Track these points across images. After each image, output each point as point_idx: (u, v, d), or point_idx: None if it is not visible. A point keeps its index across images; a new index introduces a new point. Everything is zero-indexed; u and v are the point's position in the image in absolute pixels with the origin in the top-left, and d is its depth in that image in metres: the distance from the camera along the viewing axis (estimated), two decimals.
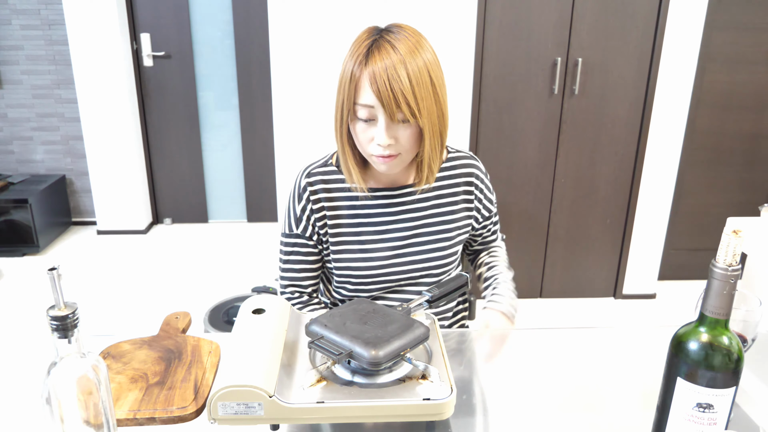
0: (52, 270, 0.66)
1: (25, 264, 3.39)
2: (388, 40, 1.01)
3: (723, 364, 0.65)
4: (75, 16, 3.34)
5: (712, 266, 0.64)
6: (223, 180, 3.99)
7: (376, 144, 1.04)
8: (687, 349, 0.66)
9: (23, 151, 3.82)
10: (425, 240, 1.18)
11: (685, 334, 0.67)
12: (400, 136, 1.04)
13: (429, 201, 1.19)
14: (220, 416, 0.79)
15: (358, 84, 1.01)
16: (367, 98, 1.01)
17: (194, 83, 3.74)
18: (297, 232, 1.20)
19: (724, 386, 0.65)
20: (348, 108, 1.04)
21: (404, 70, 0.99)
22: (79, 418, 0.70)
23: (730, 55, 2.85)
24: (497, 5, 2.59)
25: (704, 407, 0.66)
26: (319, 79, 2.66)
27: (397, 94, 0.98)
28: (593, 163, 2.84)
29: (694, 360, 0.66)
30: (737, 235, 0.62)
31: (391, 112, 1.00)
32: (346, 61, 1.04)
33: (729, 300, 0.64)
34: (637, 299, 3.07)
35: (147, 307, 2.96)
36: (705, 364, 0.65)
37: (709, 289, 0.65)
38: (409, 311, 0.96)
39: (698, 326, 0.66)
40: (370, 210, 1.17)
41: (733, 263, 0.63)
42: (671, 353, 0.68)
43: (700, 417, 0.66)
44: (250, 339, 0.88)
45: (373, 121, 1.03)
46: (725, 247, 0.63)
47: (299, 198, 1.18)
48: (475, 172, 1.23)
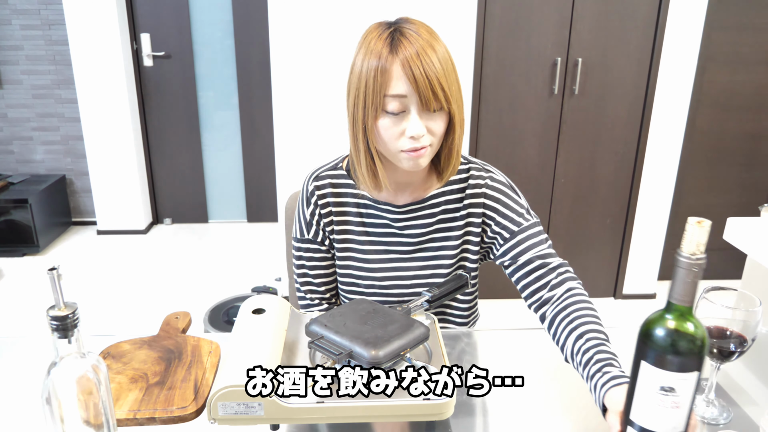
0: (52, 270, 0.66)
1: (25, 264, 3.39)
2: (408, 29, 0.98)
3: (686, 349, 0.68)
4: (75, 16, 3.34)
5: (677, 255, 0.67)
6: (223, 180, 3.99)
7: (408, 137, 0.97)
8: (652, 335, 0.69)
9: (23, 151, 3.82)
10: (428, 255, 1.15)
11: (652, 321, 0.70)
12: (432, 126, 0.99)
13: (434, 217, 1.14)
14: (220, 416, 0.79)
15: (388, 74, 0.95)
16: (400, 87, 0.95)
17: (194, 83, 3.74)
18: (308, 237, 1.17)
19: (686, 370, 0.68)
20: (374, 103, 0.97)
21: (435, 55, 0.95)
22: (79, 418, 0.69)
23: (730, 55, 2.85)
24: (497, 5, 2.59)
25: (667, 390, 0.69)
26: (320, 79, 2.66)
27: (433, 80, 0.94)
28: (593, 163, 2.84)
29: (658, 345, 0.68)
30: (701, 225, 0.65)
31: (427, 100, 0.95)
32: (364, 57, 0.97)
33: (692, 288, 0.67)
34: (637, 299, 3.07)
35: (147, 307, 2.96)
36: (668, 349, 0.68)
37: (674, 277, 0.68)
38: (409, 311, 0.96)
39: (664, 313, 0.69)
40: (376, 220, 1.14)
41: (696, 253, 0.66)
42: (639, 338, 0.70)
43: (664, 399, 0.69)
44: (250, 339, 0.88)
45: (404, 113, 0.97)
46: (689, 237, 0.66)
47: (307, 203, 1.15)
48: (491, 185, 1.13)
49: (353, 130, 1.03)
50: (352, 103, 1.01)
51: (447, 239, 1.14)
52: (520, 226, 1.10)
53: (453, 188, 1.13)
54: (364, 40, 1.00)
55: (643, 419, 0.71)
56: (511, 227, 1.10)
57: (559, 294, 1.02)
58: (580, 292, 1.02)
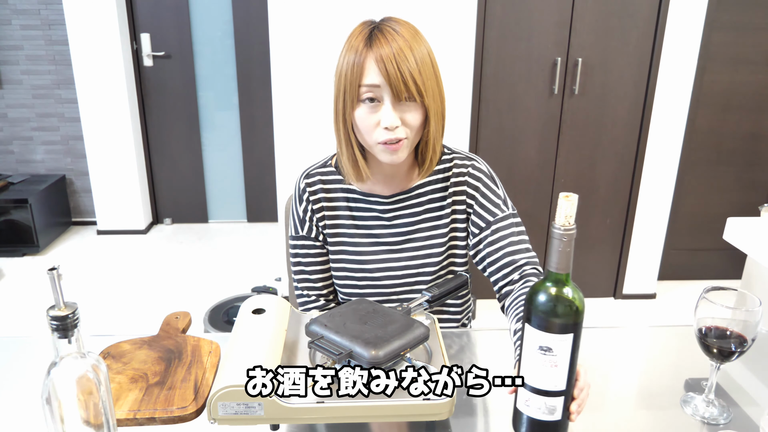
0: (52, 270, 0.66)
1: (25, 264, 3.39)
2: (388, 28, 1.02)
3: (562, 312, 0.76)
4: (75, 16, 3.34)
5: (552, 228, 0.75)
6: (223, 180, 3.99)
7: (383, 128, 1.02)
8: (535, 300, 0.77)
9: (23, 151, 3.82)
10: (418, 246, 1.17)
11: (535, 287, 0.78)
12: (406, 118, 1.03)
13: (422, 206, 1.17)
14: (220, 416, 0.79)
15: (363, 65, 1.00)
16: (373, 78, 1.00)
17: (194, 83, 3.74)
18: (303, 233, 1.20)
19: (561, 332, 0.76)
20: (351, 94, 1.02)
21: (410, 51, 1.00)
22: (79, 418, 0.70)
23: (730, 55, 2.85)
24: (497, 5, 2.59)
25: (545, 350, 0.77)
26: (320, 79, 2.66)
27: (404, 71, 0.99)
28: (593, 163, 2.84)
29: (538, 309, 0.77)
30: (567, 198, 0.73)
31: (398, 90, 0.99)
32: (345, 52, 1.03)
33: (566, 257, 0.75)
34: (637, 299, 3.07)
35: (147, 307, 2.96)
36: (546, 312, 0.76)
37: (550, 248, 0.76)
38: (409, 311, 0.96)
39: (545, 281, 0.77)
40: (366, 213, 1.17)
41: (566, 224, 0.74)
42: (525, 304, 0.79)
43: (542, 359, 0.77)
44: (250, 339, 0.88)
45: (378, 104, 1.02)
46: (560, 210, 0.74)
47: (300, 200, 1.19)
48: (472, 173, 1.17)
49: (336, 123, 1.08)
50: (335, 96, 1.06)
51: (435, 228, 1.18)
52: (495, 216, 1.15)
53: (437, 177, 1.17)
54: (349, 38, 1.05)
55: (530, 377, 0.80)
56: (486, 217, 1.15)
57: (517, 288, 1.08)
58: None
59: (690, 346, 0.96)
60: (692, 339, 0.90)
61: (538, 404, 0.80)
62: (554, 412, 0.80)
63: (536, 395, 0.79)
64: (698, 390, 0.95)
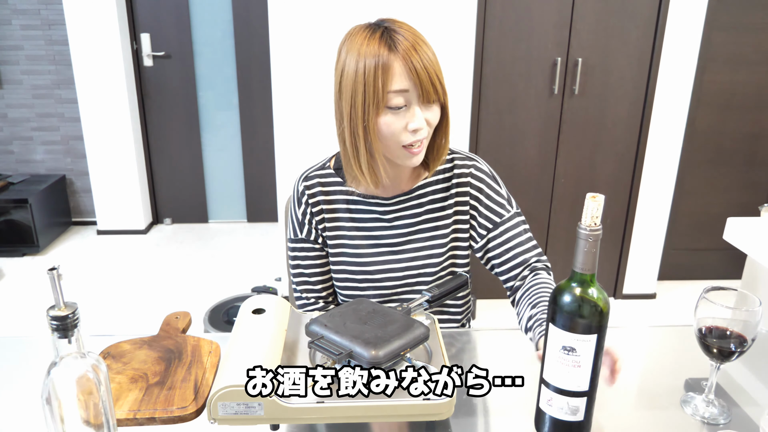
0: (52, 270, 0.66)
1: (25, 264, 3.39)
2: (399, 27, 1.01)
3: (586, 313, 0.75)
4: (75, 16, 3.34)
5: (578, 228, 0.74)
6: (223, 180, 3.99)
7: (410, 131, 1.01)
8: (559, 300, 0.76)
9: (23, 151, 3.82)
10: (419, 246, 1.17)
11: (560, 288, 0.77)
12: (430, 118, 1.03)
13: (423, 207, 1.17)
14: (220, 416, 0.79)
15: (391, 71, 0.97)
16: (402, 83, 0.98)
17: (194, 83, 3.74)
18: (302, 236, 1.19)
19: (586, 332, 0.75)
20: (376, 101, 0.98)
21: (428, 49, 1.00)
22: (79, 418, 0.69)
23: (730, 55, 2.85)
24: (497, 5, 2.59)
25: (568, 350, 0.76)
26: (320, 79, 2.65)
27: (431, 73, 0.99)
28: (593, 163, 2.84)
29: (562, 309, 0.76)
30: (594, 199, 0.72)
31: (428, 93, 0.99)
32: (358, 57, 0.99)
33: (592, 257, 0.74)
34: (637, 299, 3.07)
35: (147, 307, 2.96)
36: (570, 312, 0.75)
37: (576, 248, 0.75)
38: (409, 311, 0.96)
39: (570, 281, 0.76)
40: (366, 215, 1.17)
41: (592, 225, 0.73)
42: (549, 304, 0.78)
43: (566, 359, 0.76)
44: (250, 339, 0.88)
45: (405, 108, 1.01)
46: (587, 210, 0.73)
47: (299, 203, 1.18)
48: (475, 174, 1.17)
49: (351, 131, 1.04)
50: (348, 104, 1.02)
51: (437, 229, 1.17)
52: (502, 217, 1.16)
53: (438, 178, 1.17)
54: (351, 42, 1.01)
55: (552, 377, 0.79)
56: (493, 218, 1.17)
57: (529, 279, 1.13)
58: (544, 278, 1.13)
59: (690, 346, 0.96)
60: (692, 339, 0.90)
61: (561, 404, 0.79)
62: (577, 413, 0.79)
63: (559, 395, 0.79)
64: (698, 390, 0.95)
